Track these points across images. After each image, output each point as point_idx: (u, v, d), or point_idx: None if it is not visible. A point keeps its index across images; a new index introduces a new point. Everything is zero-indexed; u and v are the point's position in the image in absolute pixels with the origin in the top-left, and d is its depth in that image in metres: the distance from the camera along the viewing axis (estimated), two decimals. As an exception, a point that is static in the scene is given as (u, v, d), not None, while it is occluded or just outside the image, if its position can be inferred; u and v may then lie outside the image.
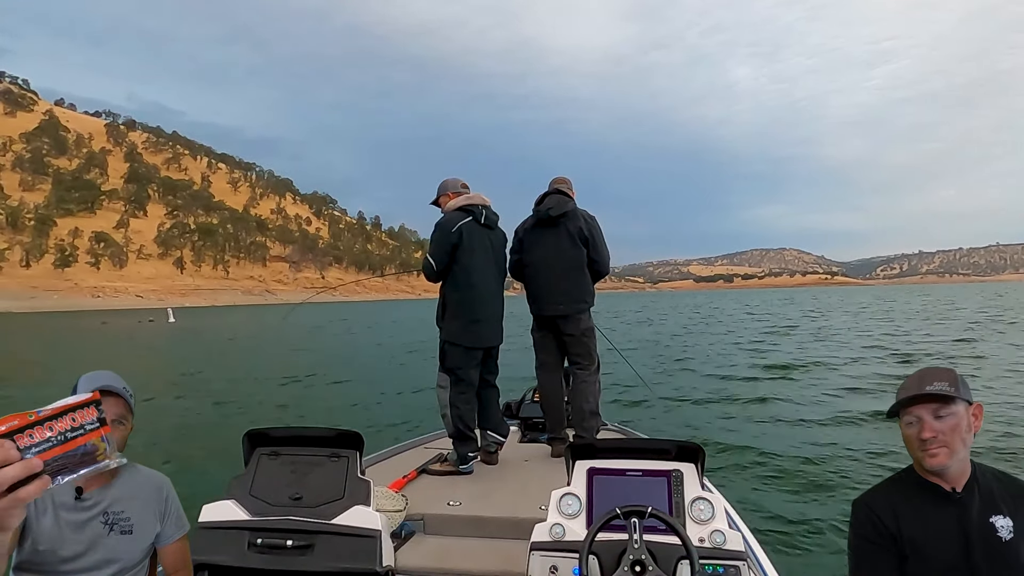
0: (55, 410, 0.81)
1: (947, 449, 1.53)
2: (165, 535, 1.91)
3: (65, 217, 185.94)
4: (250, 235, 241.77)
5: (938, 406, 1.54)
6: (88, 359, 21.43)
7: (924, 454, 1.55)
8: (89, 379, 1.77)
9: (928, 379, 1.58)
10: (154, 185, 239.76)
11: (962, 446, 1.54)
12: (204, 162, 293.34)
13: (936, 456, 1.53)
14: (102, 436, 0.85)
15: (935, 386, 1.54)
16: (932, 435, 1.53)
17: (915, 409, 1.56)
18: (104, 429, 0.85)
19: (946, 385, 1.54)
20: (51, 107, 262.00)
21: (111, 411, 1.73)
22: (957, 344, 18.42)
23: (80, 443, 0.82)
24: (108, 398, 1.74)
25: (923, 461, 1.57)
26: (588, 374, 3.92)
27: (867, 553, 1.63)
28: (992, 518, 1.53)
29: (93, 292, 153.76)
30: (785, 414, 9.28)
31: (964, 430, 1.54)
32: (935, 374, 1.59)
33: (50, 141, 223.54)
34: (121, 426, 1.77)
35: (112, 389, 1.75)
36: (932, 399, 1.54)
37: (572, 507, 1.95)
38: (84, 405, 0.83)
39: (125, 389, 1.79)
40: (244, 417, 9.95)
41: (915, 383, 1.59)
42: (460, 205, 3.67)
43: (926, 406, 1.55)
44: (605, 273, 4.04)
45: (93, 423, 0.84)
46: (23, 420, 0.78)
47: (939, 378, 1.57)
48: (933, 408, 1.54)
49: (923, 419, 1.55)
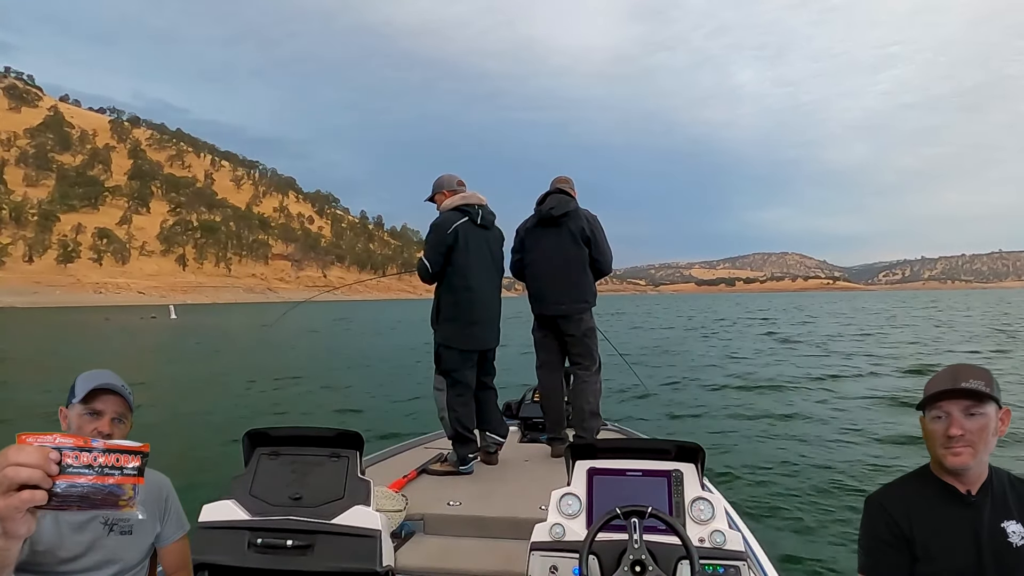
0: (107, 446, 0.84)
1: (971, 449, 1.47)
2: (165, 535, 1.90)
3: (68, 213, 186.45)
4: (252, 233, 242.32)
5: (970, 404, 1.48)
6: (95, 355, 21.50)
7: (947, 451, 1.49)
8: (87, 378, 1.75)
9: (963, 375, 1.50)
10: (157, 182, 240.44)
11: (985, 449, 1.49)
12: (207, 160, 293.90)
13: (960, 455, 1.48)
14: (134, 485, 0.87)
15: (970, 383, 1.47)
16: (960, 433, 1.47)
17: (946, 404, 1.50)
18: (139, 480, 0.87)
19: (981, 384, 1.48)
20: (56, 103, 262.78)
21: (111, 409, 1.74)
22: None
23: (112, 481, 0.84)
24: (108, 396, 1.74)
25: (944, 459, 1.51)
26: (589, 374, 3.92)
27: (878, 552, 1.59)
28: (1004, 523, 1.49)
29: (95, 288, 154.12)
30: (785, 414, 9.27)
31: (991, 433, 1.49)
32: (970, 371, 1.52)
33: (54, 137, 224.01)
34: (121, 424, 1.77)
35: (111, 387, 1.74)
36: (965, 395, 1.48)
37: (572, 507, 1.95)
38: (132, 452, 0.86)
39: (124, 387, 1.78)
40: (244, 417, 9.96)
41: (948, 378, 1.52)
42: (456, 205, 3.63)
43: (958, 402, 1.49)
44: (607, 272, 4.03)
45: (132, 470, 0.86)
46: (78, 442, 0.81)
47: (974, 375, 1.50)
48: (965, 405, 1.48)
49: (952, 415, 1.49)
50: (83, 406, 1.70)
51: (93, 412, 1.71)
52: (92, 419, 1.70)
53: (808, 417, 9.08)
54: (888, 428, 8.07)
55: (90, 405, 1.71)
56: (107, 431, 1.71)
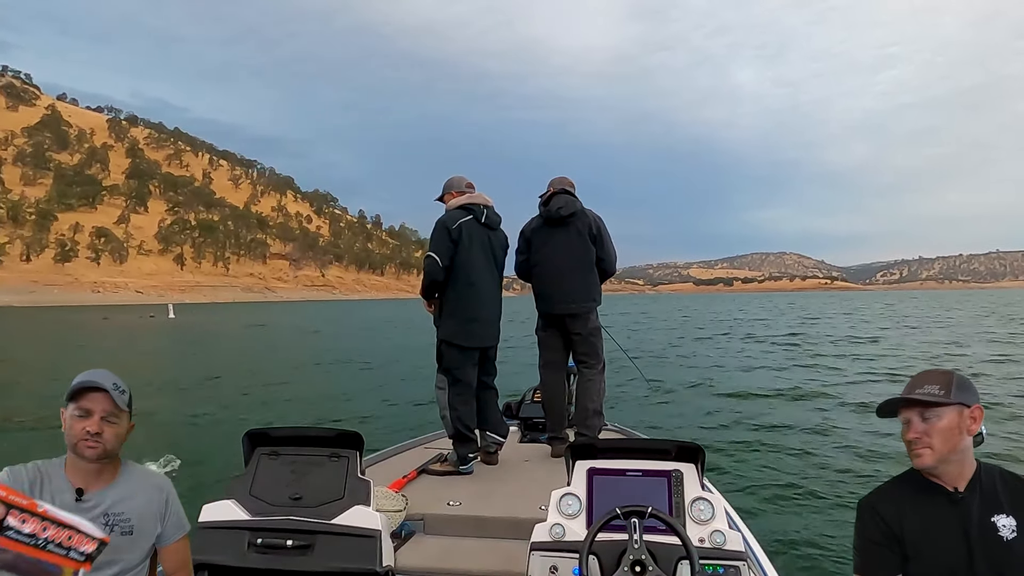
0: (63, 520, 0.79)
1: (930, 450, 1.56)
2: (165, 536, 1.89)
3: (66, 212, 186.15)
4: (251, 232, 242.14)
5: (923, 408, 1.57)
6: (96, 355, 21.49)
7: (911, 453, 1.60)
8: (79, 377, 1.74)
9: (920, 383, 1.61)
10: (155, 181, 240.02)
11: (948, 448, 1.56)
12: (206, 159, 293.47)
13: (920, 457, 1.58)
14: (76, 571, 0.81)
15: (925, 389, 1.58)
16: (916, 436, 1.57)
17: (904, 411, 1.61)
18: (85, 566, 0.82)
19: (936, 388, 1.57)
20: (53, 102, 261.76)
21: (100, 408, 1.70)
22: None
23: (52, 560, 0.78)
24: (96, 394, 1.71)
25: (912, 461, 1.62)
26: (594, 373, 3.93)
27: (872, 554, 1.64)
28: (994, 517, 1.54)
29: (93, 287, 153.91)
30: (785, 414, 9.30)
31: (956, 432, 1.56)
32: (928, 377, 1.62)
33: (52, 136, 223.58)
34: (115, 423, 1.74)
35: (100, 385, 1.71)
36: (917, 404, 1.59)
37: (572, 507, 1.95)
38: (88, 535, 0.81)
39: (116, 386, 1.75)
40: (244, 416, 9.96)
41: (908, 386, 1.63)
42: (461, 204, 3.68)
43: (913, 409, 1.59)
44: (612, 272, 4.06)
45: (79, 555, 0.81)
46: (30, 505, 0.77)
47: (931, 381, 1.60)
48: (919, 410, 1.58)
49: (911, 420, 1.59)
50: (73, 405, 1.69)
51: (83, 411, 1.69)
52: (82, 418, 1.68)
53: (808, 417, 9.10)
54: (888, 428, 8.06)
55: (79, 404, 1.69)
56: (96, 430, 1.69)
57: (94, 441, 1.69)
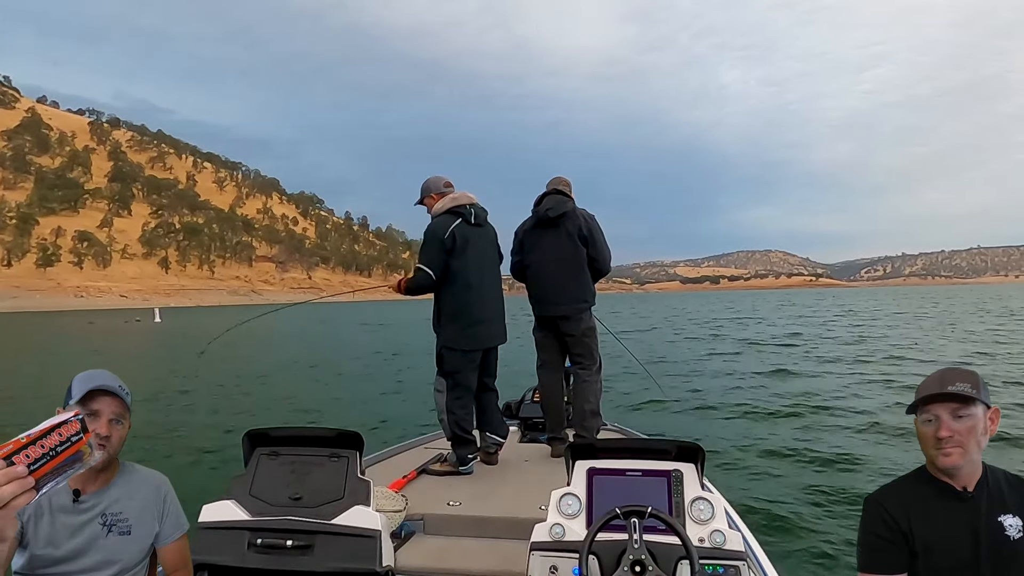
0: (42, 430, 0.87)
1: (961, 450, 1.54)
2: (164, 535, 1.90)
3: (48, 216, 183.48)
4: (236, 235, 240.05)
5: (957, 406, 1.54)
6: (87, 357, 21.23)
7: (938, 452, 1.56)
8: (84, 379, 1.74)
9: (950, 379, 1.58)
10: (138, 184, 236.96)
11: (976, 448, 1.55)
12: (189, 161, 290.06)
13: (950, 456, 1.54)
14: (88, 442, 0.92)
15: (957, 386, 1.54)
16: (949, 434, 1.54)
17: (934, 407, 1.57)
18: (87, 436, 0.93)
19: (967, 387, 1.54)
20: (33, 104, 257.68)
21: (108, 410, 1.72)
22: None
23: (69, 454, 0.89)
24: (105, 397, 1.72)
25: (936, 460, 1.58)
26: (589, 374, 3.94)
27: (878, 550, 1.63)
28: (1001, 517, 1.55)
29: (76, 292, 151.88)
30: (785, 415, 9.34)
31: (980, 433, 1.56)
32: (957, 374, 1.59)
33: (32, 139, 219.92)
34: (119, 425, 1.75)
35: (108, 388, 1.72)
36: (952, 399, 1.55)
37: (572, 507, 1.96)
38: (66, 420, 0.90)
39: (121, 387, 1.77)
40: (243, 417, 9.91)
41: (936, 382, 1.59)
42: (448, 208, 3.59)
43: (945, 405, 1.55)
44: (606, 272, 4.04)
45: (77, 434, 0.91)
46: (16, 444, 0.84)
47: (961, 379, 1.57)
48: (952, 408, 1.55)
49: (941, 418, 1.55)
50: (80, 407, 1.66)
51: (90, 413, 1.69)
52: (90, 421, 1.65)
53: (808, 417, 9.12)
54: (888, 428, 8.12)
55: (87, 406, 1.69)
56: (105, 432, 1.70)
57: (101, 444, 1.69)
